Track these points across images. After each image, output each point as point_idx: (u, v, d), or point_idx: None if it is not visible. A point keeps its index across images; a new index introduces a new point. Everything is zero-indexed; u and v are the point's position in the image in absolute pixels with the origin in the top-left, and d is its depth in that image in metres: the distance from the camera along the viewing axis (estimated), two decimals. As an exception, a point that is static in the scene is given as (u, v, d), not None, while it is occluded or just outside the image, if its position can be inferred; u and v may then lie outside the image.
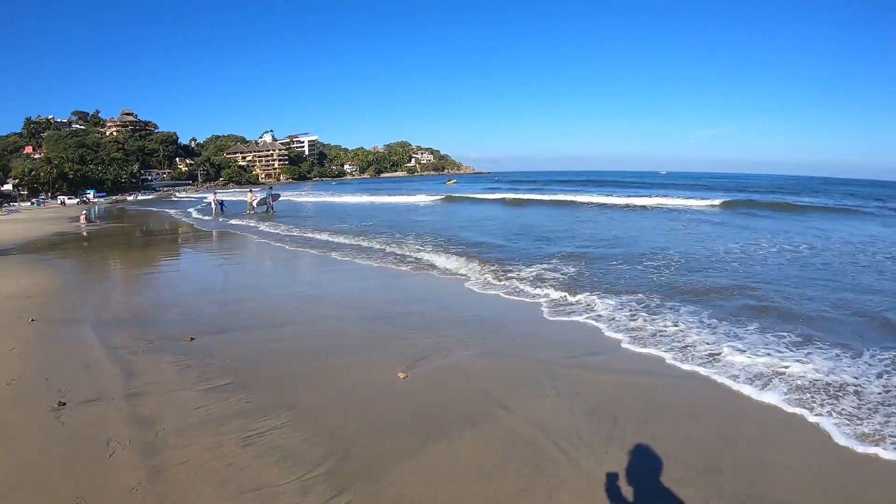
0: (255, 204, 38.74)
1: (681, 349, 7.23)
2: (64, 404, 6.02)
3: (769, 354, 6.84)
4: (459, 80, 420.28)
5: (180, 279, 14.47)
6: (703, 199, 36.69)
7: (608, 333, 8.22)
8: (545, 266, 13.35)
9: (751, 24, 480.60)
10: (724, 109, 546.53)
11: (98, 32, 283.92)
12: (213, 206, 40.48)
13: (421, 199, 47.12)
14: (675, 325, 8.28)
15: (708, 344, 7.37)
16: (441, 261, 14.61)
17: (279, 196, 41.52)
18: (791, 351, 6.99)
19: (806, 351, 6.98)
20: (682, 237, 19.54)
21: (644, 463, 4.57)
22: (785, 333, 7.70)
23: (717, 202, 34.62)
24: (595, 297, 10.14)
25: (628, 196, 40.06)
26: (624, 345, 7.68)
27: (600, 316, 9.08)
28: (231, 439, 5.11)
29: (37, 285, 13.36)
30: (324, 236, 21.30)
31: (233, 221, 31.46)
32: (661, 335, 7.90)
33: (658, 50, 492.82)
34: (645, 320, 8.63)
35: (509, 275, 12.48)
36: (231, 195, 59.57)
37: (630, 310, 9.28)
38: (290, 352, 7.83)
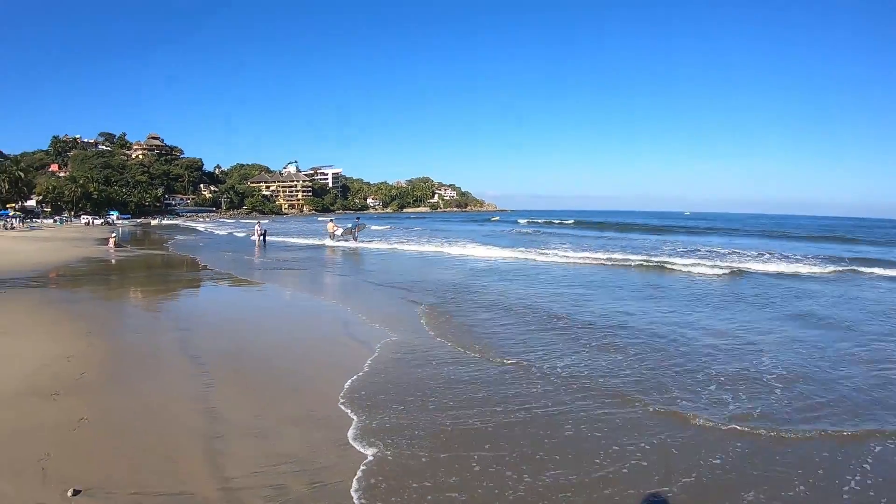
0: (337, 233, 33.44)
1: None
2: None
3: None
4: (482, 117, 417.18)
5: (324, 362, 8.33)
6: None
7: None
8: None
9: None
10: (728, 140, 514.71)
11: (129, 57, 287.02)
12: (256, 238, 34.69)
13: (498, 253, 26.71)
14: None
15: None
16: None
17: (365, 226, 35.98)
18: None
19: None
20: None
21: None
22: None
23: None
24: None
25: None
26: None
27: None
28: None
29: (68, 360, 7.42)
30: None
31: (291, 257, 25.43)
32: None
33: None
34: None
35: None
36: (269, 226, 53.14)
37: None
38: None
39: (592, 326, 10.02)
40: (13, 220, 63.60)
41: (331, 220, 37.06)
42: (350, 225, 33.78)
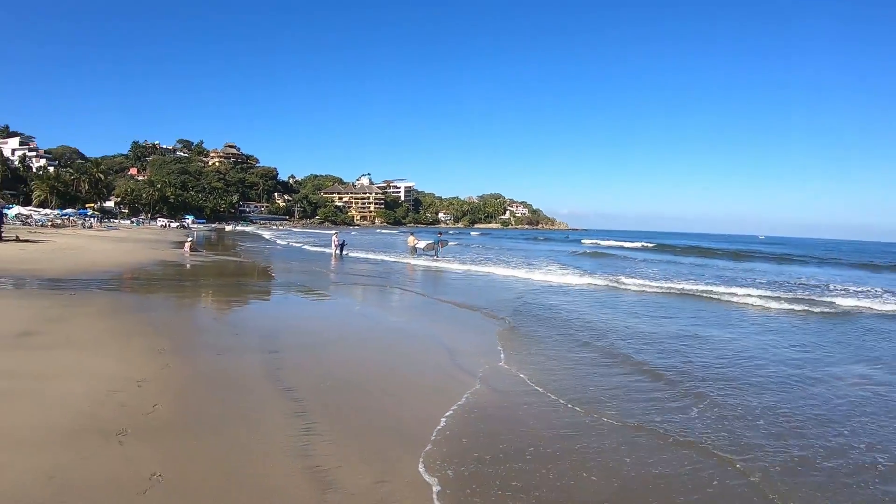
0: (419, 246, 32.56)
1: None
2: None
3: None
4: (554, 134, 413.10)
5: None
6: None
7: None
8: None
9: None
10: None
11: (209, 67, 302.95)
12: (333, 247, 33.76)
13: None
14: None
15: None
16: None
17: (448, 242, 35.08)
18: None
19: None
20: None
21: None
22: None
23: None
24: None
25: None
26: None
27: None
28: None
29: (139, 386, 6.13)
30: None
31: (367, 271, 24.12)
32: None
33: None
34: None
35: None
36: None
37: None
38: None
39: (708, 376, 7.96)
40: (92, 219, 66.44)
41: (411, 234, 36.20)
42: (433, 240, 32.77)
